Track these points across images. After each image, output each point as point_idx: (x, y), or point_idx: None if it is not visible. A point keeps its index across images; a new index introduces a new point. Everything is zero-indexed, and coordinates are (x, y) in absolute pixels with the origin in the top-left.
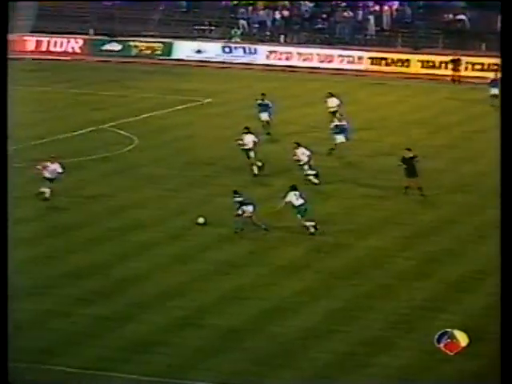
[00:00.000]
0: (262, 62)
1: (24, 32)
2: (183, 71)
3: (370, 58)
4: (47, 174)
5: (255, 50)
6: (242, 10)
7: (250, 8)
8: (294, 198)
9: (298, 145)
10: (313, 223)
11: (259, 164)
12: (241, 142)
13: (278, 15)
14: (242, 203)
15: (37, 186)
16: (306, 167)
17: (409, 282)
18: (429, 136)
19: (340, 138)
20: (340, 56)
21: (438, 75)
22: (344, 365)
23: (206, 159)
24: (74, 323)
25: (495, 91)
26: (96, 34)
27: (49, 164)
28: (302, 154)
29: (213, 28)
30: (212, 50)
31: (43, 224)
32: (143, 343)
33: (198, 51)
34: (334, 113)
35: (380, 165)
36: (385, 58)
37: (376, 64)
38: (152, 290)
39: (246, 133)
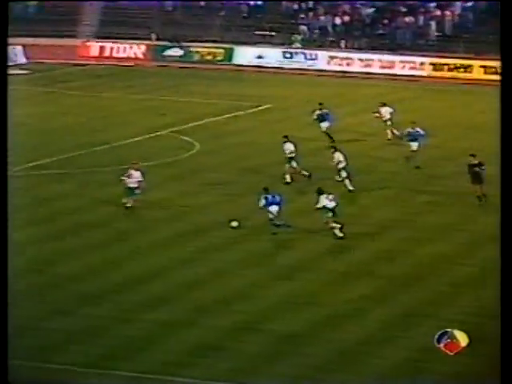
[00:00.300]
0: (322, 68)
1: (88, 38)
2: (244, 77)
3: (431, 64)
4: (131, 184)
5: (316, 55)
6: (303, 15)
7: (311, 13)
8: (326, 201)
9: (335, 149)
10: (339, 225)
11: (306, 173)
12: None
13: (338, 20)
14: (268, 203)
15: (100, 190)
16: (343, 172)
17: (470, 290)
18: (492, 142)
19: (414, 146)
20: (401, 62)
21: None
22: (403, 371)
23: (264, 165)
24: (137, 329)
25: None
26: (158, 40)
27: (132, 172)
28: (338, 158)
29: (273, 33)
30: (273, 55)
31: (107, 230)
32: (204, 348)
33: (259, 57)
34: (386, 121)
35: (442, 170)
36: (447, 64)
37: (438, 70)
38: (212, 295)
39: (285, 142)
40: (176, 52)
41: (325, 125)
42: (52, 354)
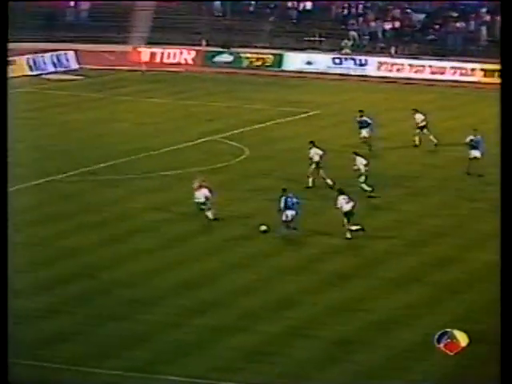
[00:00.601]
0: (372, 74)
1: (139, 44)
2: (293, 83)
3: (482, 70)
4: (199, 200)
5: (366, 61)
6: (353, 21)
7: (361, 19)
8: (343, 202)
9: (356, 154)
10: (358, 226)
11: (330, 183)
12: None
13: (388, 26)
14: (286, 206)
15: (150, 195)
16: (362, 177)
17: None
18: None
19: (474, 153)
20: (452, 68)
21: None
22: (453, 377)
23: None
24: (185, 334)
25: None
26: (208, 46)
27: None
28: (360, 163)
29: (323, 39)
30: (322, 61)
31: (157, 235)
32: (254, 353)
33: (308, 63)
34: (421, 128)
35: (492, 177)
36: (498, 70)
37: (489, 76)
38: (261, 301)
39: (311, 148)
40: (226, 58)
41: (364, 132)
42: (103, 360)
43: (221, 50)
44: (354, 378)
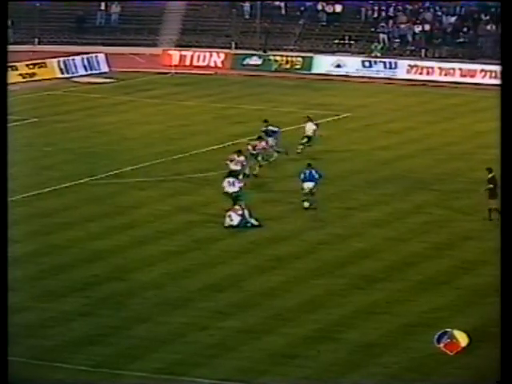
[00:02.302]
0: (402, 77)
1: (169, 46)
2: (323, 86)
3: None
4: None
5: (396, 64)
6: (383, 24)
7: (391, 22)
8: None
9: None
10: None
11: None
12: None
13: (419, 29)
14: (305, 178)
15: (179, 198)
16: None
17: None
18: None
19: None
20: (482, 71)
21: None
22: (480, 381)
23: (343, 173)
24: (212, 336)
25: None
26: (237, 48)
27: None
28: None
29: (352, 42)
30: (352, 64)
31: (185, 237)
32: (279, 355)
33: (338, 65)
34: None
35: None
36: None
37: None
38: (288, 303)
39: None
40: (255, 61)
41: (271, 140)
42: (131, 362)
43: (251, 52)
44: (381, 381)
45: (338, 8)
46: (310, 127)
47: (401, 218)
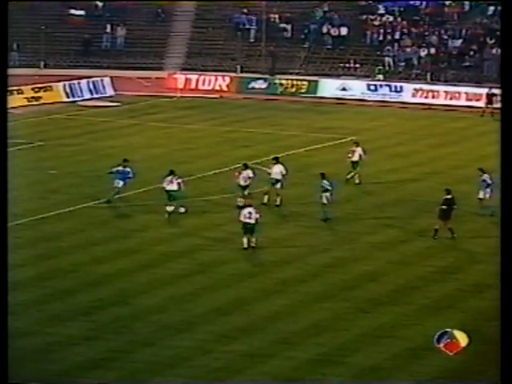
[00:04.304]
0: (407, 101)
1: (174, 70)
2: (328, 109)
3: None
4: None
5: (401, 87)
6: (388, 47)
7: (396, 45)
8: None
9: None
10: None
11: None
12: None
13: (424, 53)
14: (325, 189)
15: (183, 221)
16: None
17: None
18: None
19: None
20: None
21: None
22: None
23: (349, 196)
24: (217, 359)
25: None
26: (242, 72)
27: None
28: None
29: (358, 66)
30: (357, 87)
31: (190, 260)
32: (285, 379)
33: (343, 89)
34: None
35: None
36: None
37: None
38: (293, 327)
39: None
40: (260, 84)
41: (120, 184)
42: None
43: (257, 76)
44: None
45: (344, 31)
46: (358, 153)
47: (406, 242)
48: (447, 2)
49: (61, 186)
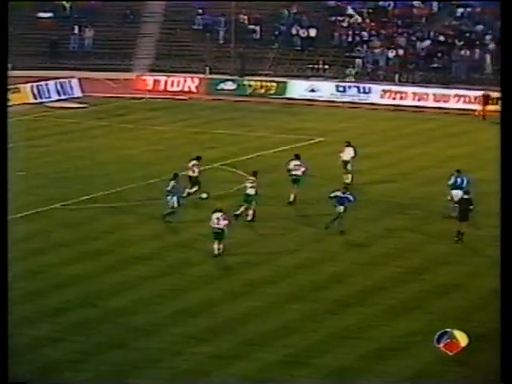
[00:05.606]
0: (376, 102)
1: (142, 71)
2: (296, 110)
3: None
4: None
5: (369, 89)
6: (357, 48)
7: (365, 46)
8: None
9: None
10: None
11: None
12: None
13: (392, 54)
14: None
15: (152, 223)
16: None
17: None
18: None
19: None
20: (456, 96)
21: None
22: None
23: (316, 197)
24: (186, 361)
25: None
26: (211, 73)
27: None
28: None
29: (326, 67)
30: (326, 89)
31: (157, 262)
32: (253, 381)
33: (312, 90)
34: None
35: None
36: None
37: (493, 104)
38: (261, 328)
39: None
40: (229, 86)
41: None
42: None
43: (226, 77)
44: None
45: (313, 32)
46: (348, 152)
47: (374, 243)
48: (416, 3)
49: (29, 187)
